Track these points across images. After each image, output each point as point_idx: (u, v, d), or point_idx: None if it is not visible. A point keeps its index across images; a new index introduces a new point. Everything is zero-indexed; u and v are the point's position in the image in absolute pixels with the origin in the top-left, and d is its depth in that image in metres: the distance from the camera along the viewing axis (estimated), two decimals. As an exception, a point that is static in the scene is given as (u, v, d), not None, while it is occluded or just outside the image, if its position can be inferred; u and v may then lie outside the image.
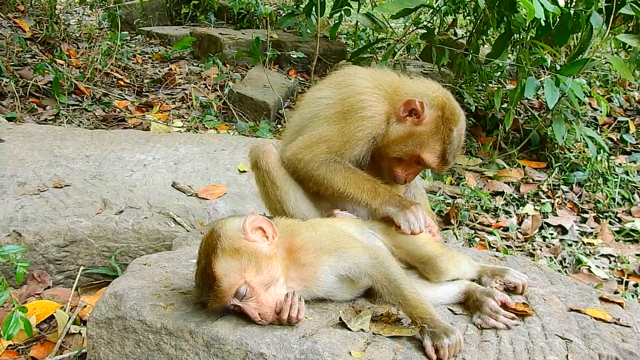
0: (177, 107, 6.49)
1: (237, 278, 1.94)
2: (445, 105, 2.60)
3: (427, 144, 2.58)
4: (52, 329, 3.03)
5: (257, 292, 1.97)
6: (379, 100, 2.62)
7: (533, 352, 2.03)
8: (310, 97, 2.83)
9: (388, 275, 2.07)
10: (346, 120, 2.59)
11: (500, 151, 6.01)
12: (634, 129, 6.58)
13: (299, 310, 1.97)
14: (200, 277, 2.00)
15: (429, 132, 2.57)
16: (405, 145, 2.59)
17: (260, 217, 2.08)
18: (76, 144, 4.47)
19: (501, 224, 4.90)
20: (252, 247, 2.00)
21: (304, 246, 2.09)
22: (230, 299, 1.96)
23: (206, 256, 1.97)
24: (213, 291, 1.94)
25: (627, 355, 2.10)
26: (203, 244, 2.04)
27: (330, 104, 2.66)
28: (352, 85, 2.66)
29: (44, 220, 3.42)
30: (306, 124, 2.75)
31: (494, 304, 2.21)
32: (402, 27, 7.95)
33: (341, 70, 2.86)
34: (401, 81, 2.73)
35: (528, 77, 5.21)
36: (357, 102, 2.60)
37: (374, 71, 2.79)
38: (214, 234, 2.01)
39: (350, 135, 2.58)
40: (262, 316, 1.97)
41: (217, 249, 1.96)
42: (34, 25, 7.37)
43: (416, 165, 2.67)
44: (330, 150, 2.60)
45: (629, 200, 5.36)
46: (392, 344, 1.98)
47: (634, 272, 4.37)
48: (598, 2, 5.25)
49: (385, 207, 2.51)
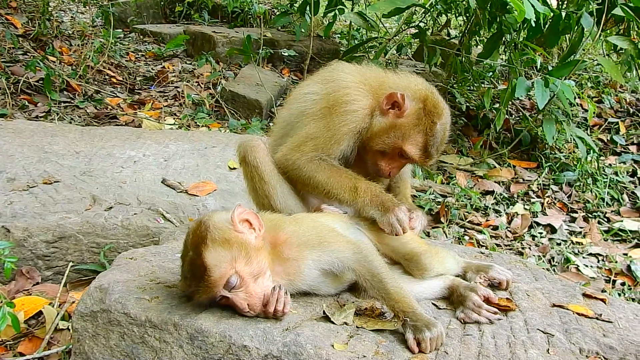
0: (169, 104, 6.49)
1: (228, 268, 1.95)
2: (427, 98, 2.61)
3: (409, 136, 2.59)
4: (40, 325, 3.03)
5: (247, 283, 1.98)
6: (363, 94, 2.64)
7: (515, 346, 2.05)
8: (298, 93, 2.86)
9: (371, 270, 2.10)
10: (331, 115, 2.61)
11: (491, 151, 6.03)
12: (624, 130, 6.63)
13: (285, 303, 1.99)
14: (188, 268, 2.00)
15: (410, 124, 2.59)
16: (388, 137, 2.61)
17: (247, 210, 2.10)
18: (66, 140, 4.47)
19: (491, 223, 4.93)
20: (242, 238, 2.02)
21: (287, 240, 2.11)
22: (220, 290, 1.96)
23: (195, 247, 1.97)
24: (203, 282, 1.94)
25: (608, 350, 2.12)
26: (190, 236, 2.04)
27: (316, 99, 2.69)
28: (337, 80, 2.68)
29: (33, 216, 3.42)
30: (294, 121, 2.77)
31: (477, 299, 2.23)
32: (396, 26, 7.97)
33: (328, 66, 2.88)
34: (386, 76, 2.75)
35: (519, 78, 5.23)
36: (342, 96, 2.62)
37: (359, 67, 2.81)
38: (202, 225, 2.01)
39: (335, 130, 2.60)
40: (251, 307, 1.98)
41: (207, 240, 1.96)
42: (26, 22, 7.35)
43: (399, 159, 2.68)
44: (317, 147, 2.62)
45: (617, 200, 5.40)
46: (374, 337, 2.00)
47: (621, 271, 4.40)
48: (589, 4, 5.28)
49: (368, 209, 2.51)
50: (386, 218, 2.45)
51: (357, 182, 2.57)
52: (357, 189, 2.54)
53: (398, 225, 2.44)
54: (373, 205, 2.50)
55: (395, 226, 2.44)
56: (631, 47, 5.40)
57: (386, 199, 2.52)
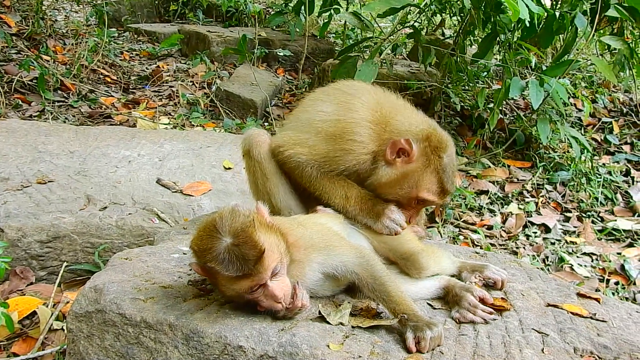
0: (164, 104, 6.48)
1: (277, 253, 1.92)
2: (430, 135, 2.55)
3: (423, 181, 2.52)
4: (34, 325, 3.02)
5: (283, 272, 1.96)
6: (371, 138, 2.56)
7: (509, 345, 2.06)
8: (310, 106, 2.79)
9: (373, 273, 2.11)
10: (333, 144, 2.57)
11: (485, 150, 6.05)
12: (617, 130, 6.65)
13: (305, 298, 2.00)
14: (231, 256, 1.82)
15: (421, 167, 2.52)
16: (401, 189, 2.54)
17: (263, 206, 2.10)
18: (60, 140, 4.45)
19: (485, 223, 4.94)
20: (275, 224, 2.01)
21: (295, 243, 2.10)
22: (268, 276, 1.89)
23: (240, 232, 1.84)
24: (258, 265, 1.83)
25: (602, 349, 2.13)
26: (226, 223, 1.86)
27: (325, 119, 2.63)
28: (351, 111, 2.59)
29: (27, 216, 3.40)
30: (301, 127, 2.73)
31: (473, 299, 2.24)
32: (391, 26, 7.98)
33: (349, 85, 2.80)
34: (392, 115, 2.63)
35: (513, 78, 5.25)
36: (349, 132, 2.55)
37: (378, 98, 2.69)
38: (238, 212, 1.90)
39: (333, 158, 2.57)
40: (285, 297, 1.94)
41: (255, 224, 1.88)
42: (19, 21, 7.32)
43: (417, 205, 2.62)
44: (311, 158, 2.60)
45: (611, 200, 5.42)
46: (370, 337, 2.00)
47: (615, 270, 4.42)
48: (582, 4, 5.30)
49: (360, 217, 2.53)
50: (380, 223, 2.47)
51: (348, 191, 2.57)
52: (348, 197, 2.55)
53: (395, 225, 2.45)
54: (364, 213, 2.52)
55: (390, 226, 2.45)
56: (624, 47, 5.43)
57: (376, 202, 2.53)
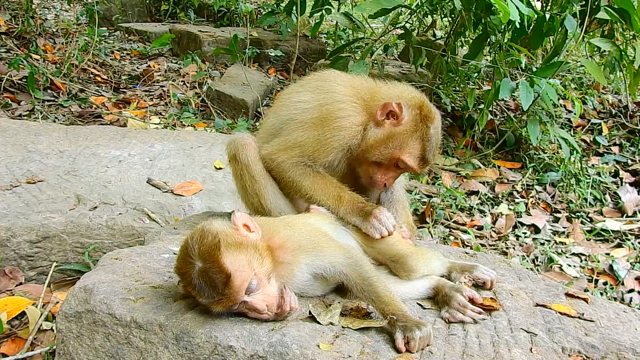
0: (154, 104, 6.46)
1: (248, 271, 1.91)
2: (422, 104, 2.63)
3: (407, 145, 2.59)
4: (23, 326, 3.00)
5: (264, 284, 1.95)
6: (357, 110, 2.63)
7: (498, 345, 2.07)
8: (287, 99, 2.82)
9: (362, 274, 2.11)
10: (322, 127, 2.59)
11: (476, 151, 6.08)
12: (606, 131, 6.71)
13: (294, 301, 2.00)
14: (202, 280, 1.86)
15: (408, 132, 2.59)
16: (385, 148, 2.60)
17: (244, 214, 2.10)
18: (50, 139, 4.43)
19: (475, 223, 4.97)
20: (250, 239, 2.00)
21: (282, 245, 2.10)
22: (242, 296, 1.89)
23: (207, 256, 1.87)
24: (226, 290, 1.85)
25: (589, 349, 2.15)
26: (195, 246, 1.89)
27: (307, 108, 2.66)
28: (330, 93, 2.65)
29: (16, 215, 3.38)
30: (282, 127, 2.75)
31: (462, 299, 2.25)
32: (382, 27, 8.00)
33: (320, 73, 2.85)
34: (377, 87, 2.74)
35: (503, 79, 5.28)
36: (335, 110, 2.60)
37: (352, 78, 2.79)
38: (207, 233, 1.91)
39: (325, 143, 2.59)
40: (269, 308, 1.95)
41: (220, 246, 1.88)
42: (9, 20, 7.28)
43: (395, 169, 2.68)
44: (303, 154, 2.62)
45: (600, 200, 5.47)
46: (360, 337, 2.00)
47: (604, 270, 4.46)
48: (572, 6, 5.34)
49: (350, 217, 2.53)
50: (369, 223, 2.47)
51: (341, 192, 2.59)
52: (340, 198, 2.57)
53: (382, 227, 2.46)
54: (354, 213, 2.52)
55: (379, 227, 2.46)
56: (614, 50, 5.47)
57: (367, 203, 2.54)
